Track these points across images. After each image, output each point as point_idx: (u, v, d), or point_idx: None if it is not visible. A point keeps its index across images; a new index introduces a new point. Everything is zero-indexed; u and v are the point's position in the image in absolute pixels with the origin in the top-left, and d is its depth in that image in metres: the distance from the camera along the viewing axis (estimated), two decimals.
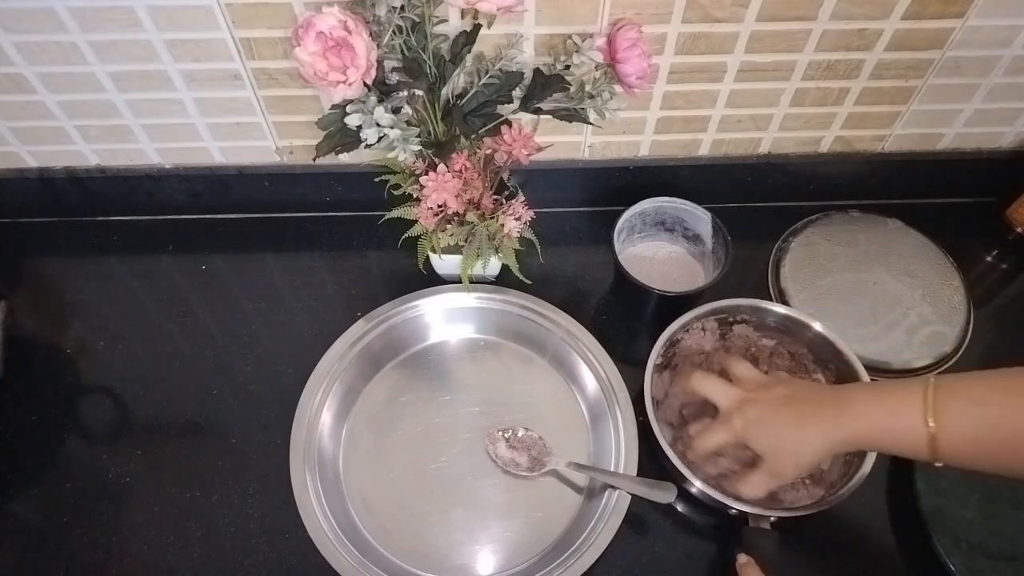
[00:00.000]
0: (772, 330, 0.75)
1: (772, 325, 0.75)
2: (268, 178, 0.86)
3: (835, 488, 0.65)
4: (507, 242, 0.73)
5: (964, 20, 0.71)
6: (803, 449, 0.58)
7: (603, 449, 0.73)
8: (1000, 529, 0.67)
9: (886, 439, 0.55)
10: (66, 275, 0.86)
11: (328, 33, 0.57)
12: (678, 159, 0.86)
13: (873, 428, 0.55)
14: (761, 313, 0.74)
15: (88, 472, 0.72)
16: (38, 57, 0.71)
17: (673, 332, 0.72)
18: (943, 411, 0.51)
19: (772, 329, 0.75)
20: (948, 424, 0.51)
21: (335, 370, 0.75)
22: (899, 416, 0.53)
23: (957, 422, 0.51)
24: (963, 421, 0.51)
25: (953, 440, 0.51)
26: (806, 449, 0.58)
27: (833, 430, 0.57)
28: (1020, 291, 0.86)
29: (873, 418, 0.55)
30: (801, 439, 0.58)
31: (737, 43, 0.72)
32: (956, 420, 0.51)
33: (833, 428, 0.57)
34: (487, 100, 0.70)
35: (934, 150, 0.87)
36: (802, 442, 0.58)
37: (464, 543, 0.69)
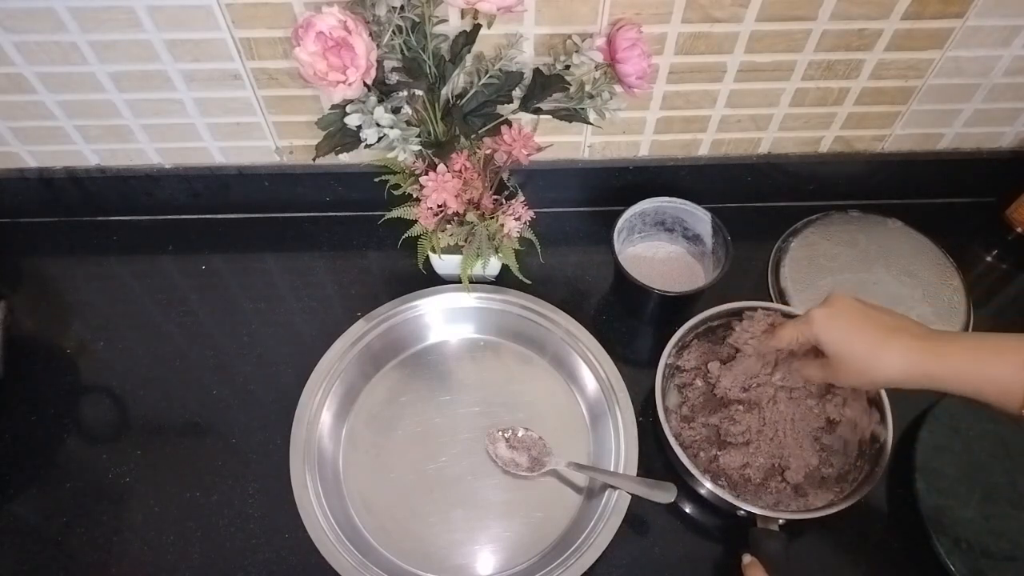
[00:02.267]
0: None
1: None
2: (268, 178, 0.86)
3: (844, 493, 0.65)
4: (507, 242, 0.73)
5: (964, 20, 0.71)
6: (877, 363, 0.55)
7: (603, 449, 0.73)
8: (1000, 529, 0.67)
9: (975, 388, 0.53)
10: (66, 275, 0.86)
11: (328, 33, 0.57)
12: (678, 159, 0.86)
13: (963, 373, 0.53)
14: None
15: (88, 472, 0.72)
16: (38, 57, 0.71)
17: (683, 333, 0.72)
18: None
19: None
20: None
21: (335, 370, 0.75)
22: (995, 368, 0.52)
23: None
24: None
25: None
26: (880, 364, 0.55)
27: (919, 355, 0.54)
28: (1020, 291, 0.86)
29: (966, 364, 0.53)
30: (881, 353, 0.55)
31: (737, 43, 0.72)
32: None
33: (919, 353, 0.54)
34: (487, 100, 0.70)
35: (934, 150, 0.87)
36: (879, 355, 0.55)
37: (464, 543, 0.69)
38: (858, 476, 0.67)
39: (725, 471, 0.68)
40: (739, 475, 0.68)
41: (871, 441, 0.68)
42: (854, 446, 0.69)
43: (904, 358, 0.54)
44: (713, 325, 0.74)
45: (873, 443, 0.67)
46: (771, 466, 0.68)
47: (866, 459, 0.67)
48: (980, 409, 0.53)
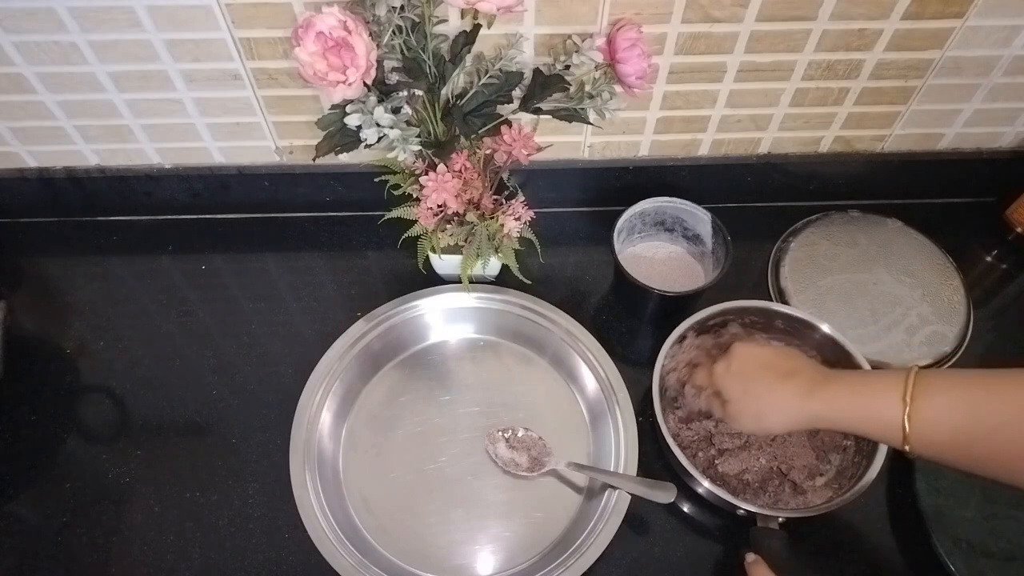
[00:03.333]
0: (780, 332, 0.75)
1: (780, 327, 0.75)
2: (268, 178, 0.86)
3: (843, 489, 0.65)
4: (507, 242, 0.73)
5: (964, 20, 0.71)
6: (768, 411, 0.59)
7: (603, 449, 0.73)
8: (1000, 529, 0.67)
9: (859, 426, 0.55)
10: (66, 275, 0.86)
11: (328, 33, 0.57)
12: (678, 159, 0.86)
13: (847, 413, 0.56)
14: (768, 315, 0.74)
15: (88, 472, 0.72)
16: (38, 57, 0.71)
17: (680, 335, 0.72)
18: (920, 400, 0.51)
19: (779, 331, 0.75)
20: (922, 414, 0.51)
21: (335, 370, 0.75)
22: (876, 400, 0.53)
23: (932, 413, 0.51)
24: (938, 413, 0.51)
25: (925, 431, 0.51)
26: (772, 412, 0.59)
27: (803, 404, 0.57)
28: (1020, 291, 0.86)
29: (848, 400, 0.55)
30: (770, 401, 0.59)
31: (737, 43, 0.72)
32: (931, 411, 0.51)
33: (804, 401, 0.57)
34: (487, 100, 0.70)
35: (934, 150, 0.87)
36: (770, 404, 0.59)
37: (464, 543, 0.69)
38: (855, 472, 0.67)
39: (724, 477, 0.68)
40: (738, 480, 0.68)
41: None
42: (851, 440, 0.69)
43: (791, 405, 0.58)
44: (709, 325, 0.75)
45: None
46: (770, 468, 0.69)
47: (863, 455, 0.68)
48: None
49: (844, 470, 0.68)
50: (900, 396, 0.52)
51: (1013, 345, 0.81)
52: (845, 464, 0.69)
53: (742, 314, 0.74)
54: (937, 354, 0.78)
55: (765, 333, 0.75)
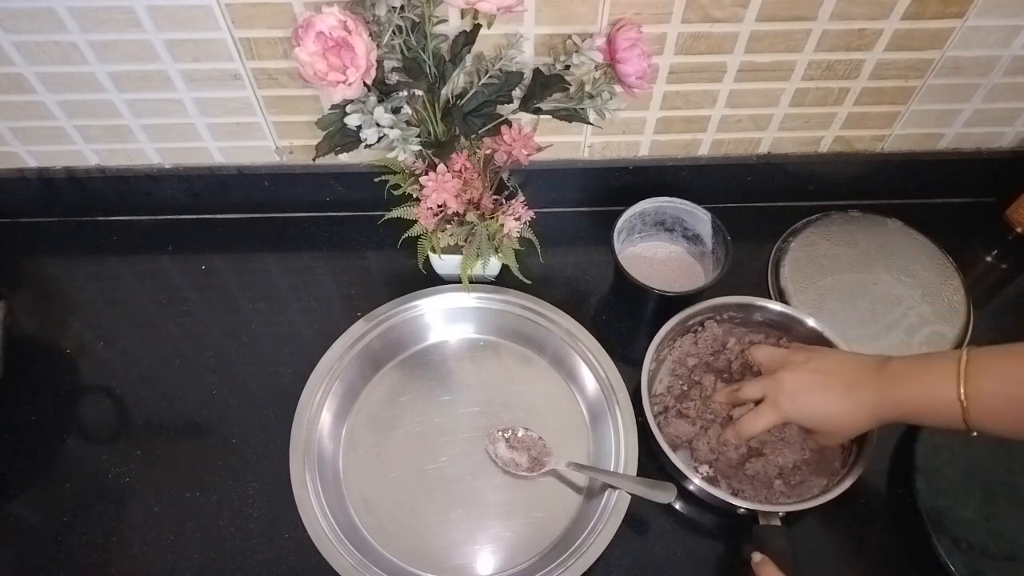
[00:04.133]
0: (766, 327, 0.75)
1: (766, 322, 0.75)
2: (268, 178, 0.86)
3: (838, 476, 0.66)
4: (507, 242, 0.73)
5: (964, 20, 0.71)
6: (850, 423, 0.62)
7: (603, 449, 0.73)
8: (1000, 529, 0.67)
9: (925, 412, 0.58)
10: (66, 275, 0.86)
11: (328, 33, 0.57)
12: (678, 159, 0.86)
13: (913, 402, 0.58)
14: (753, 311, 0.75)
15: (88, 472, 0.72)
16: (38, 57, 0.71)
17: (664, 336, 0.73)
18: (973, 383, 0.54)
19: (766, 325, 0.75)
20: (978, 395, 0.54)
21: (335, 370, 0.75)
22: (935, 389, 0.56)
23: (987, 393, 0.54)
24: (992, 391, 0.54)
25: (983, 410, 0.54)
26: (853, 423, 0.62)
27: (878, 406, 0.60)
28: (1020, 291, 0.86)
29: (913, 393, 0.58)
30: (847, 414, 0.61)
31: (737, 43, 0.72)
32: (986, 391, 0.54)
33: (878, 403, 0.60)
34: (487, 100, 0.70)
35: (934, 150, 0.87)
36: (848, 417, 0.61)
37: (464, 543, 0.69)
38: (848, 458, 0.67)
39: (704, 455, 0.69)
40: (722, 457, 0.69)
41: None
42: None
43: (868, 411, 0.60)
44: (689, 325, 0.76)
45: None
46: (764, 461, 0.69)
47: (854, 440, 0.68)
48: None
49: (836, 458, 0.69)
50: (955, 391, 0.54)
51: None
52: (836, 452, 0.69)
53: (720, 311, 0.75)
54: None
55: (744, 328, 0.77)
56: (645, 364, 0.71)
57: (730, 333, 0.76)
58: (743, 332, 0.77)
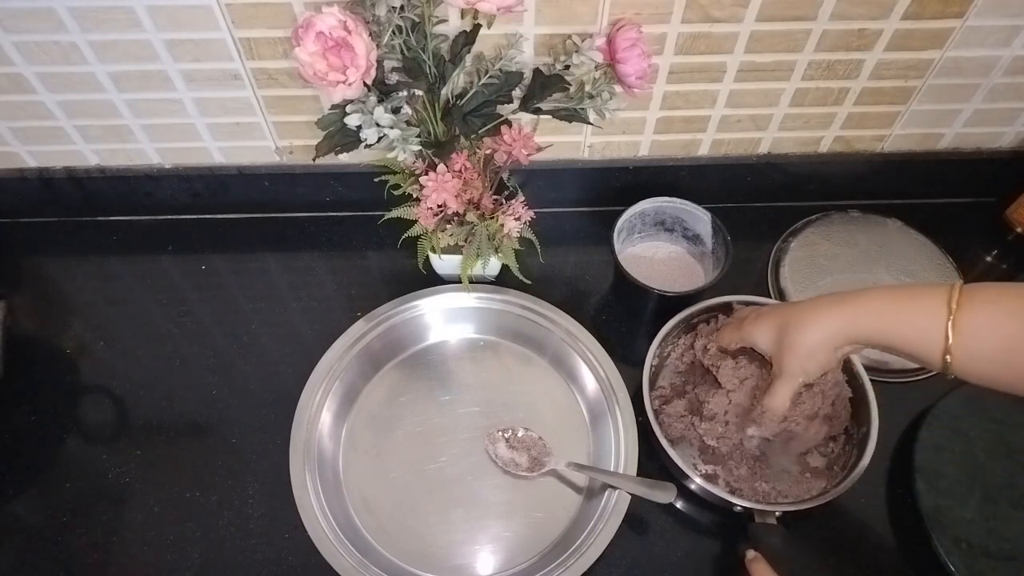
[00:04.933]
0: None
1: None
2: (268, 178, 0.86)
3: (837, 480, 0.66)
4: (507, 242, 0.73)
5: (964, 20, 0.71)
6: (805, 331, 0.56)
7: (603, 449, 0.73)
8: (1000, 529, 0.67)
9: (900, 338, 0.52)
10: (66, 275, 0.86)
11: (328, 33, 0.57)
12: (678, 159, 0.86)
13: (888, 324, 0.52)
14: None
15: (88, 472, 0.72)
16: (38, 57, 0.71)
17: (667, 333, 0.73)
18: (967, 312, 0.48)
19: None
20: (968, 328, 0.48)
21: (335, 370, 0.75)
22: (920, 311, 0.50)
23: (979, 328, 0.48)
24: (985, 322, 0.48)
25: (970, 341, 0.48)
26: (808, 330, 0.56)
27: (846, 320, 0.54)
28: None
29: (888, 310, 0.52)
30: (805, 321, 0.56)
31: (737, 43, 0.72)
32: (977, 321, 0.48)
33: (847, 317, 0.54)
34: (487, 100, 0.70)
35: (934, 150, 0.87)
36: (805, 324, 0.56)
37: (464, 543, 0.69)
38: (847, 461, 0.67)
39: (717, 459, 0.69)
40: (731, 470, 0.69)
41: (855, 423, 0.69)
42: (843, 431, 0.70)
43: (827, 317, 0.55)
44: (695, 323, 0.76)
45: (860, 426, 0.68)
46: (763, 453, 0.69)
47: (854, 444, 0.68)
48: (978, 408, 0.53)
49: (836, 459, 0.69)
50: (944, 303, 0.49)
51: None
52: (837, 454, 0.69)
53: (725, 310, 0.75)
54: None
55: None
56: (647, 360, 0.71)
57: None
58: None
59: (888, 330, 0.52)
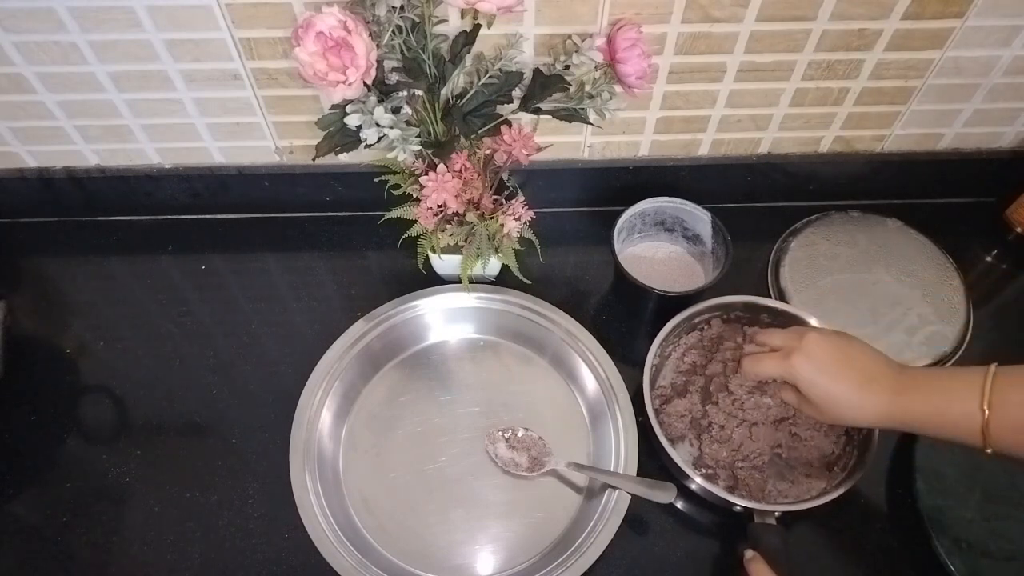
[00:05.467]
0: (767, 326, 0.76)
1: (772, 322, 0.75)
2: (268, 178, 0.86)
3: (837, 480, 0.66)
4: (507, 242, 0.73)
5: (964, 20, 0.71)
6: (853, 413, 0.58)
7: (603, 449, 0.73)
8: (1000, 529, 0.67)
9: (940, 425, 0.55)
10: (66, 275, 0.86)
11: (328, 33, 0.57)
12: (678, 159, 0.86)
13: (930, 409, 0.55)
14: (760, 310, 0.75)
15: (88, 472, 0.72)
16: (38, 57, 0.71)
17: (668, 332, 0.73)
18: (999, 394, 0.52)
19: (767, 325, 0.76)
20: (1003, 406, 0.51)
21: (335, 370, 0.75)
22: (956, 398, 0.54)
23: (1013, 403, 0.51)
24: (1019, 402, 0.51)
25: (1006, 424, 0.51)
26: (856, 414, 0.58)
27: (889, 406, 0.57)
28: (1020, 291, 0.86)
29: (931, 399, 0.55)
30: (855, 404, 0.58)
31: (737, 43, 0.72)
32: (1012, 402, 0.51)
33: (889, 403, 0.57)
34: (487, 100, 0.70)
35: (934, 150, 0.87)
36: (855, 406, 0.58)
37: (464, 543, 0.69)
38: (848, 462, 0.67)
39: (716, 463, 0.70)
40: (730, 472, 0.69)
41: None
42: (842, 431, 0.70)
43: (874, 409, 0.57)
44: (695, 323, 0.76)
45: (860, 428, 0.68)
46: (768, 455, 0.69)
47: (855, 444, 0.68)
48: None
49: (836, 460, 0.69)
50: (978, 403, 0.52)
51: (1013, 345, 0.81)
52: (837, 454, 0.69)
53: (727, 310, 0.75)
54: (937, 354, 0.78)
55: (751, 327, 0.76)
56: (648, 360, 0.71)
57: (737, 332, 0.76)
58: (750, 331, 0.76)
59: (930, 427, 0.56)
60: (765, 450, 0.69)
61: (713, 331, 0.76)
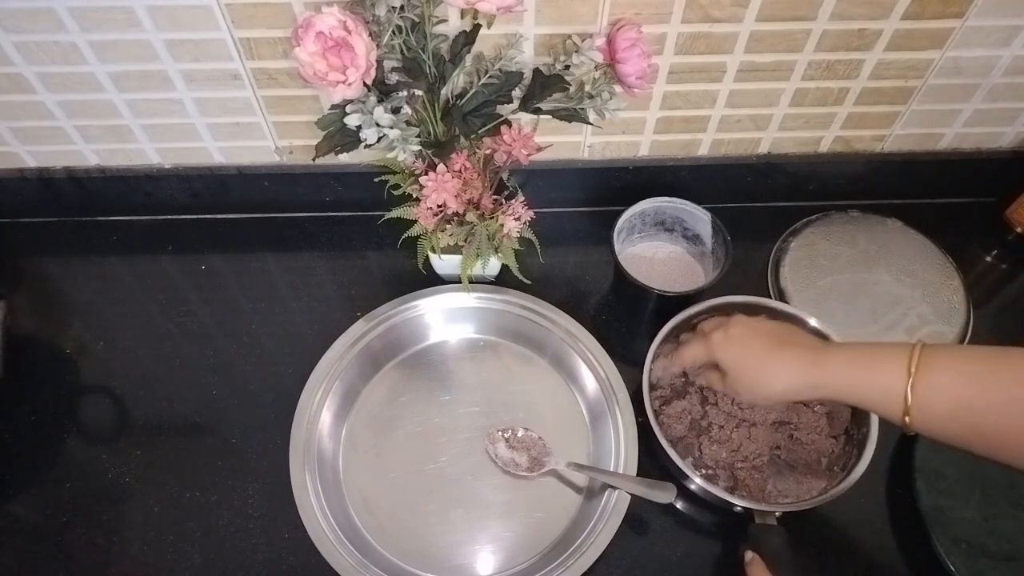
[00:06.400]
0: None
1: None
2: (268, 178, 0.86)
3: (837, 480, 0.66)
4: (507, 242, 0.73)
5: (964, 20, 0.71)
6: (767, 378, 0.57)
7: (603, 449, 0.73)
8: (1000, 529, 0.67)
9: (860, 394, 0.54)
10: (66, 275, 0.86)
11: (328, 33, 0.57)
12: (678, 159, 0.86)
13: (848, 380, 0.54)
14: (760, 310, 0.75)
15: (88, 472, 0.72)
16: (38, 57, 0.71)
17: (667, 332, 0.73)
18: (925, 371, 0.50)
19: None
20: (927, 385, 0.50)
21: (335, 370, 0.75)
22: (879, 370, 0.52)
23: (936, 384, 0.50)
24: (943, 384, 0.50)
25: (928, 402, 0.50)
26: (770, 379, 0.57)
27: (804, 369, 0.55)
28: (1020, 291, 0.86)
29: (851, 371, 0.54)
30: (769, 367, 0.57)
31: (737, 43, 0.72)
32: (936, 383, 0.50)
33: (805, 367, 0.55)
34: (487, 100, 0.70)
35: (934, 150, 0.87)
36: (769, 370, 0.57)
37: (464, 543, 0.69)
38: (848, 462, 0.67)
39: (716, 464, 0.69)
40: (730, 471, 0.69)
41: (855, 423, 0.69)
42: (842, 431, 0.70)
43: (791, 370, 0.56)
44: (695, 323, 0.75)
45: (860, 427, 0.68)
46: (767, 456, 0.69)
47: (854, 444, 0.68)
48: None
49: (836, 460, 0.69)
50: (905, 366, 0.50)
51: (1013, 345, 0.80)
52: (837, 454, 0.69)
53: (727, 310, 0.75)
54: None
55: None
56: (648, 360, 0.71)
57: None
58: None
59: (850, 391, 0.54)
60: (764, 451, 0.69)
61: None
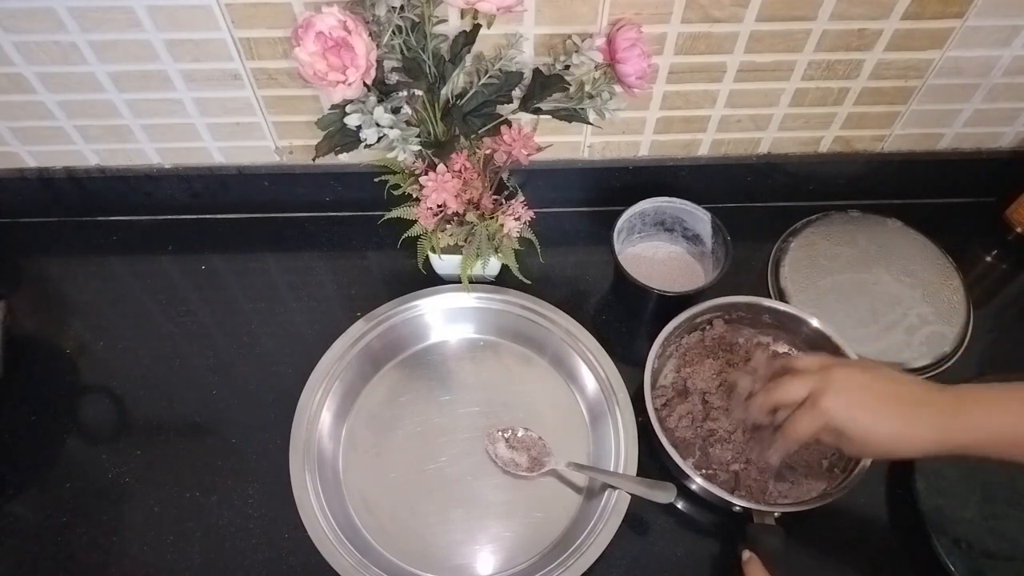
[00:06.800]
0: (768, 327, 0.76)
1: (774, 322, 0.75)
2: (268, 178, 0.86)
3: (837, 481, 0.66)
4: (507, 242, 0.73)
5: (964, 20, 0.71)
6: (903, 445, 0.53)
7: (603, 449, 0.73)
8: (1000, 529, 0.67)
9: (1008, 440, 0.51)
10: (66, 275, 0.86)
11: (328, 33, 0.57)
12: (678, 159, 0.86)
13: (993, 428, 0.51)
14: (761, 311, 0.75)
15: (88, 472, 0.72)
16: (38, 57, 0.71)
17: (670, 332, 0.73)
18: None
19: (768, 326, 0.76)
20: None
21: (335, 370, 0.75)
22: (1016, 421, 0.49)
23: None
24: None
25: None
26: (906, 445, 0.53)
27: (945, 430, 0.52)
28: (1020, 291, 0.86)
29: (993, 418, 0.51)
30: (904, 436, 0.53)
31: (737, 43, 0.72)
32: None
33: (945, 427, 0.52)
34: (487, 100, 0.70)
35: (934, 150, 0.87)
36: (904, 438, 0.53)
37: (464, 543, 0.69)
38: (848, 463, 0.67)
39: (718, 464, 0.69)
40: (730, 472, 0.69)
41: None
42: None
43: (931, 436, 0.52)
44: (697, 323, 0.76)
45: None
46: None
47: None
48: None
49: (836, 460, 0.69)
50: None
51: (1013, 345, 0.81)
52: (837, 456, 0.69)
53: (729, 310, 0.75)
54: (937, 354, 0.78)
55: (753, 328, 0.76)
56: (649, 360, 0.71)
57: (738, 332, 0.76)
58: (751, 332, 0.77)
59: (997, 451, 0.52)
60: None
61: (715, 331, 0.76)
